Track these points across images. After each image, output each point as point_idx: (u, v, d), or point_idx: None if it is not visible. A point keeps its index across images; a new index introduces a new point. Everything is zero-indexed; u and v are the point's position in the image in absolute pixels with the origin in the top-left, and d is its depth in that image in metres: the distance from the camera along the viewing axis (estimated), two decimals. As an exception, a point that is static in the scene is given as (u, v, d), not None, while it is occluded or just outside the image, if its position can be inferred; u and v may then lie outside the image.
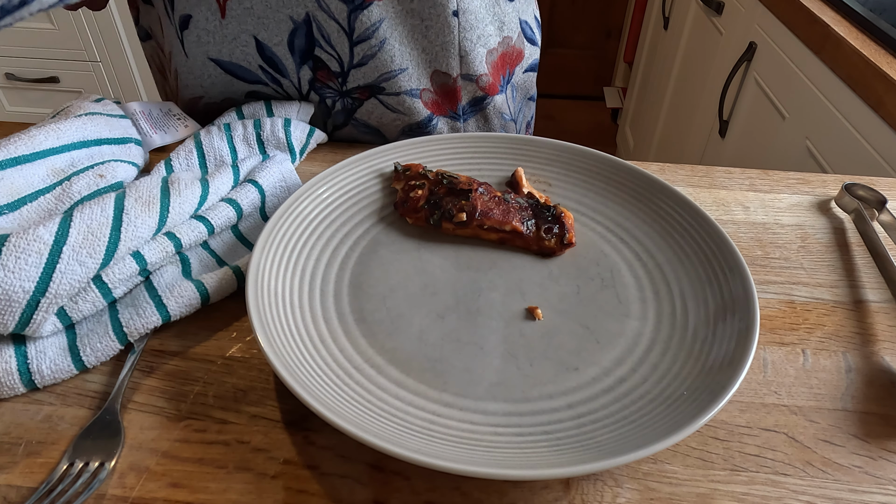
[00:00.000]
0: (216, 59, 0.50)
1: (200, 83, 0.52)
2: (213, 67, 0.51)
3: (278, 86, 0.52)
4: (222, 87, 0.52)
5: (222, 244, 0.41)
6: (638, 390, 0.32)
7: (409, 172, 0.44)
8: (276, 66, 0.51)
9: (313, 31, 0.48)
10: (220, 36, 0.49)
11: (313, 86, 0.52)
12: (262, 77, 0.51)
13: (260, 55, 0.50)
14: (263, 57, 0.50)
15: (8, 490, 0.28)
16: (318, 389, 0.30)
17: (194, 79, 0.52)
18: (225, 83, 0.52)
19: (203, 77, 0.52)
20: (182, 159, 0.46)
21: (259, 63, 0.50)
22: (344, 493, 0.28)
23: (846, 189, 0.47)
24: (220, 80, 0.52)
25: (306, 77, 0.51)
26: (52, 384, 0.33)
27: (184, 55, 0.51)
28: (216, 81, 0.52)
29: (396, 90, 0.52)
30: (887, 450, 0.31)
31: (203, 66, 0.51)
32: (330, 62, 0.50)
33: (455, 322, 0.36)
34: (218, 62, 0.50)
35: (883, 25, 0.78)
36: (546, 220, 0.41)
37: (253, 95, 0.53)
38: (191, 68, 0.51)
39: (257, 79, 0.52)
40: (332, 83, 0.52)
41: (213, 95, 0.53)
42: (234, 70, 0.51)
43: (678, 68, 1.57)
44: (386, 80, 0.52)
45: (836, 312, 0.39)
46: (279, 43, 0.49)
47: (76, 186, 0.38)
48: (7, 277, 0.30)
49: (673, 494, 0.29)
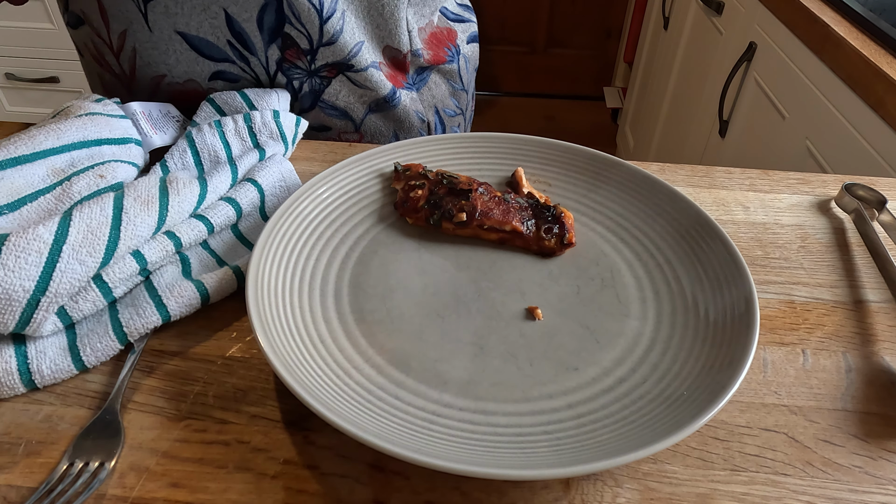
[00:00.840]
0: (183, 32, 0.49)
1: (164, 60, 0.51)
2: (180, 42, 0.50)
3: (245, 64, 0.51)
4: (187, 65, 0.51)
5: (222, 244, 0.41)
6: (638, 390, 0.32)
7: (409, 172, 0.44)
8: (245, 43, 0.50)
9: (283, 8, 0.48)
10: (189, 6, 0.48)
11: (281, 66, 0.52)
12: (230, 54, 0.50)
13: (229, 29, 0.49)
14: (233, 32, 0.49)
15: (8, 490, 0.28)
16: (318, 389, 0.30)
17: (158, 55, 0.51)
18: (190, 61, 0.51)
19: (168, 53, 0.50)
20: (177, 159, 0.46)
21: (228, 38, 0.50)
22: (344, 493, 0.28)
23: (846, 189, 0.47)
24: (185, 58, 0.51)
25: (274, 57, 0.51)
26: (52, 384, 0.33)
27: (147, 29, 0.49)
28: (181, 58, 0.51)
29: (364, 65, 0.53)
30: (887, 450, 0.31)
31: (169, 40, 0.50)
32: (300, 39, 0.50)
33: (455, 322, 0.36)
34: (185, 36, 0.49)
35: (883, 25, 0.78)
36: (546, 220, 0.41)
37: (218, 76, 0.52)
38: (155, 43, 0.50)
39: (225, 56, 0.51)
40: (300, 62, 0.52)
41: (177, 74, 0.52)
42: (201, 46, 0.50)
43: (678, 68, 1.57)
44: (353, 57, 0.52)
45: (836, 312, 0.39)
46: (248, 19, 0.48)
47: (76, 186, 0.38)
48: (7, 276, 0.30)
49: (673, 494, 0.29)
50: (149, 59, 0.51)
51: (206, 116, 0.50)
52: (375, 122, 0.59)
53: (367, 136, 0.60)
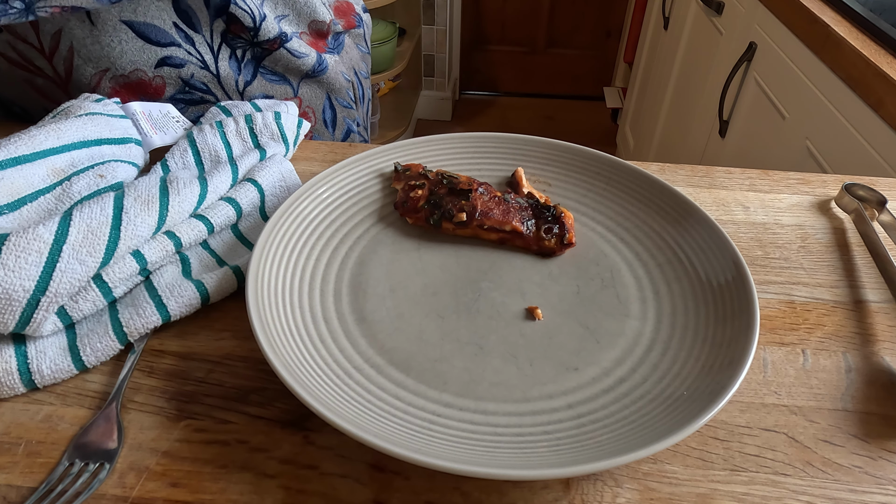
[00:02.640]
0: (129, 20, 0.50)
1: (108, 53, 0.51)
2: (125, 31, 0.50)
3: (191, 45, 0.52)
4: (132, 54, 0.51)
5: (222, 244, 0.41)
6: (638, 390, 0.32)
7: (409, 172, 0.44)
8: (190, 21, 0.52)
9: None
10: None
11: (225, 38, 0.54)
12: (176, 36, 0.51)
13: (175, 9, 0.50)
14: (178, 10, 0.50)
15: (8, 490, 0.28)
16: (318, 389, 0.30)
17: (100, 49, 0.50)
18: (136, 50, 0.51)
19: (112, 45, 0.50)
20: (178, 158, 0.46)
21: (173, 20, 0.51)
22: (344, 493, 0.28)
23: (846, 189, 0.47)
24: (131, 47, 0.51)
25: (219, 29, 0.53)
26: (52, 384, 0.33)
27: (88, 24, 0.49)
28: (126, 48, 0.51)
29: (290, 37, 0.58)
30: (887, 450, 0.31)
31: (114, 31, 0.50)
32: (244, 18, 0.52)
33: (455, 322, 0.36)
34: (130, 24, 0.50)
35: (883, 25, 0.78)
36: (546, 220, 0.41)
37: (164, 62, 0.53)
38: (97, 37, 0.50)
39: (171, 40, 0.51)
40: (244, 35, 0.55)
41: (122, 66, 0.52)
42: (147, 32, 0.50)
43: (678, 68, 1.57)
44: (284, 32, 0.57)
45: (836, 312, 0.39)
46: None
47: (76, 186, 0.38)
48: (7, 276, 0.30)
49: (673, 494, 0.29)
50: (89, 55, 0.51)
51: (211, 117, 0.51)
52: (310, 86, 0.64)
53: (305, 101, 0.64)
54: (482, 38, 2.59)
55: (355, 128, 0.73)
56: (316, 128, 0.66)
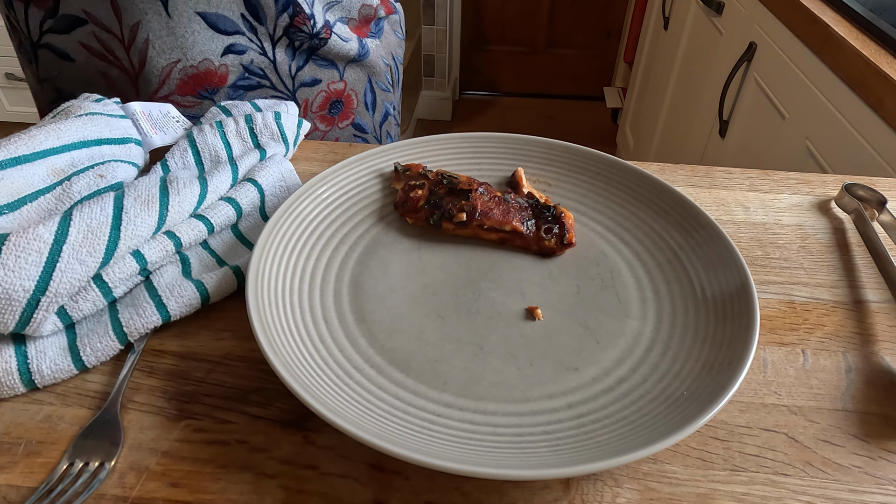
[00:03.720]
0: (202, 11, 0.53)
1: (181, 44, 0.54)
2: (198, 22, 0.53)
3: (254, 34, 0.56)
4: (202, 44, 0.54)
5: (222, 244, 0.41)
6: (638, 390, 0.32)
7: (409, 172, 0.44)
8: (257, 14, 0.55)
9: None
10: None
11: (287, 31, 0.57)
12: (241, 26, 0.54)
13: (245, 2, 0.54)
14: (247, 4, 0.54)
15: (8, 490, 0.28)
16: (318, 389, 0.30)
17: (174, 40, 0.53)
18: (206, 39, 0.54)
19: (185, 36, 0.53)
20: (178, 158, 0.46)
21: (241, 11, 0.54)
22: (344, 493, 0.28)
23: (846, 189, 0.47)
24: (202, 37, 0.54)
25: (283, 24, 0.56)
26: (52, 384, 0.33)
27: (165, 16, 0.52)
28: (197, 39, 0.54)
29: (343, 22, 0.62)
30: (887, 450, 0.31)
31: (188, 23, 0.53)
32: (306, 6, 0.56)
33: (455, 322, 0.36)
34: (203, 15, 0.53)
35: (883, 25, 0.78)
36: (546, 220, 0.41)
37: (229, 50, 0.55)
38: (172, 29, 0.53)
39: (236, 28, 0.55)
40: (305, 27, 0.58)
41: (192, 56, 0.55)
42: (218, 22, 0.54)
43: (678, 68, 1.57)
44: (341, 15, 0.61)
45: (836, 312, 0.39)
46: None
47: (76, 186, 0.38)
48: (7, 276, 0.30)
49: (673, 494, 0.29)
50: (163, 46, 0.54)
51: (211, 117, 0.51)
52: (354, 70, 0.67)
53: (349, 84, 0.67)
54: (482, 38, 2.60)
55: (392, 111, 0.75)
56: (357, 110, 0.68)
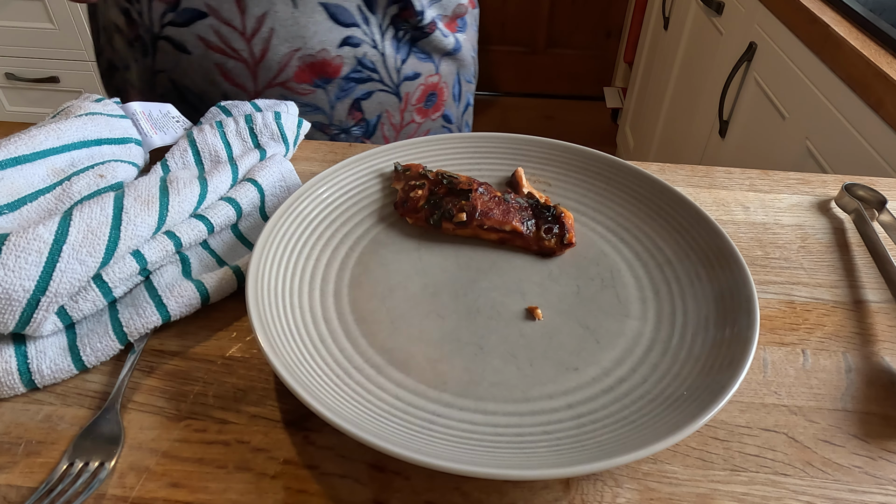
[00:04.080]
0: (325, 2, 0.56)
1: (303, 33, 0.57)
2: (320, 12, 0.56)
3: (367, 26, 0.59)
4: (322, 34, 0.57)
5: (222, 244, 0.41)
6: (638, 390, 0.32)
7: (409, 172, 0.44)
8: (371, 4, 0.58)
9: None
10: None
11: (394, 21, 0.60)
12: (357, 18, 0.58)
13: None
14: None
15: (8, 490, 0.28)
16: (318, 389, 0.30)
17: (298, 29, 0.56)
18: (326, 30, 0.57)
19: (308, 26, 0.56)
20: (178, 158, 0.46)
21: (357, 3, 0.57)
22: (344, 493, 0.28)
23: (846, 189, 0.47)
24: (322, 27, 0.57)
25: (391, 13, 0.59)
26: (52, 384, 0.33)
27: (291, 6, 0.55)
28: (319, 28, 0.57)
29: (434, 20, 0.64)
30: (887, 450, 0.31)
31: (311, 12, 0.56)
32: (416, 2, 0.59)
33: (455, 322, 0.36)
34: (325, 6, 0.56)
35: (883, 25, 0.78)
36: (546, 220, 0.41)
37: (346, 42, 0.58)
38: (297, 18, 0.56)
39: (353, 21, 0.58)
40: (410, 19, 0.60)
41: (313, 45, 0.58)
42: (337, 13, 0.57)
43: (678, 68, 1.57)
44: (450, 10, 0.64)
45: (836, 312, 0.39)
46: None
47: (76, 186, 0.38)
48: (7, 276, 0.30)
49: (673, 494, 0.29)
50: (287, 35, 0.57)
51: (211, 117, 0.51)
52: (447, 63, 0.69)
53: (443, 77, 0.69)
54: (482, 38, 2.59)
55: (471, 101, 0.78)
56: (447, 102, 0.71)
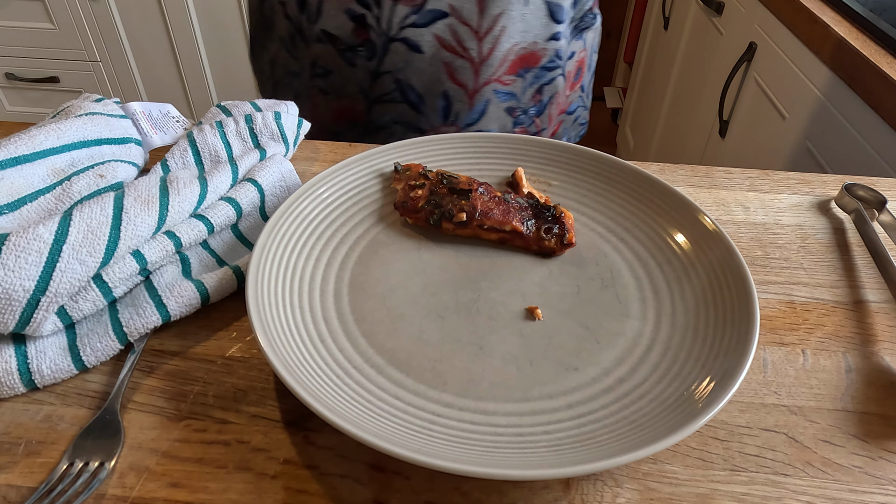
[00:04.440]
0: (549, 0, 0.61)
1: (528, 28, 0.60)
2: (543, 10, 0.60)
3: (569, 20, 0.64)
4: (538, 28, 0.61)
5: (222, 244, 0.41)
6: (638, 390, 0.32)
7: (409, 172, 0.44)
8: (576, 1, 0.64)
9: None
10: None
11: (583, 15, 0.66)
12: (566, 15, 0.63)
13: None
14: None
15: (8, 490, 0.28)
16: (318, 389, 0.30)
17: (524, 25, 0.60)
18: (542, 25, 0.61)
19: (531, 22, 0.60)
20: (178, 158, 0.46)
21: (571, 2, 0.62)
22: (344, 493, 0.28)
23: (846, 189, 0.47)
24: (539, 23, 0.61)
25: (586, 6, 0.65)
26: (52, 384, 0.33)
27: (522, 4, 0.59)
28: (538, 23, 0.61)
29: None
30: (887, 450, 0.31)
31: (536, 10, 0.60)
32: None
33: (455, 322, 0.36)
34: (549, 4, 0.61)
35: (883, 25, 0.78)
36: (546, 220, 0.41)
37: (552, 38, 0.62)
38: (524, 16, 0.59)
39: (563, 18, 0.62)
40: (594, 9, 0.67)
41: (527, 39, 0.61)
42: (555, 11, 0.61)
43: (678, 68, 1.57)
44: None
45: (836, 312, 0.39)
46: None
47: (76, 186, 0.38)
48: (7, 276, 0.30)
49: (673, 494, 0.29)
50: (513, 32, 0.60)
51: (211, 117, 0.51)
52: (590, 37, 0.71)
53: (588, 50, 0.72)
54: (482, 38, 2.59)
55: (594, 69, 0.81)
56: (584, 72, 0.73)
